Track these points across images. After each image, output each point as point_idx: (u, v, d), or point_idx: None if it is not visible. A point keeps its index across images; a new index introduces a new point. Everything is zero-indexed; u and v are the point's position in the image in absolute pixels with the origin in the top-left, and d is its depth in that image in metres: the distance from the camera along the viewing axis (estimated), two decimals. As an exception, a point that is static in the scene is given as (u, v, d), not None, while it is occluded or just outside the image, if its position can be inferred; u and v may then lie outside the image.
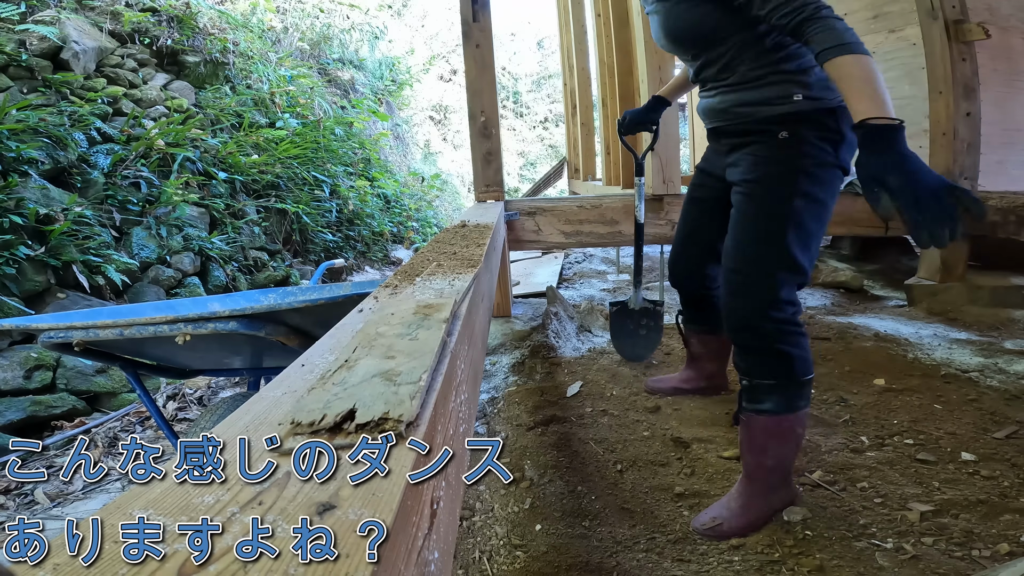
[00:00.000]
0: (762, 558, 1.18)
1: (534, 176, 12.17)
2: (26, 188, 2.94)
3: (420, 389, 0.45)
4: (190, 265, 3.65)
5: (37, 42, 3.64)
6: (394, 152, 8.55)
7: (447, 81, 12.70)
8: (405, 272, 0.97)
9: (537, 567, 1.20)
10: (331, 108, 6.37)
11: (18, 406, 2.41)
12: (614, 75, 3.98)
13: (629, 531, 1.29)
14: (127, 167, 3.60)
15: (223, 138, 4.59)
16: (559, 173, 7.21)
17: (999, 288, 2.66)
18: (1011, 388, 1.78)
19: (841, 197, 2.67)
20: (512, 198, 2.72)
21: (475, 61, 2.55)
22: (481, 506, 1.41)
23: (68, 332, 1.31)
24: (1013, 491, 1.32)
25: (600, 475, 1.50)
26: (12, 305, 2.57)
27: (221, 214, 4.12)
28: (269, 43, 6.37)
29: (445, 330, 0.60)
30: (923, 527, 1.22)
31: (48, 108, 3.35)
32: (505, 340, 2.46)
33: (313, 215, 4.99)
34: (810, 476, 1.43)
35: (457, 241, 1.30)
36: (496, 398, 1.94)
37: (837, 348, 2.19)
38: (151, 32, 4.60)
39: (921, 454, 1.49)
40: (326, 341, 0.65)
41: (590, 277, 3.82)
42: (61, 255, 2.88)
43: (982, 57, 2.66)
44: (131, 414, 2.53)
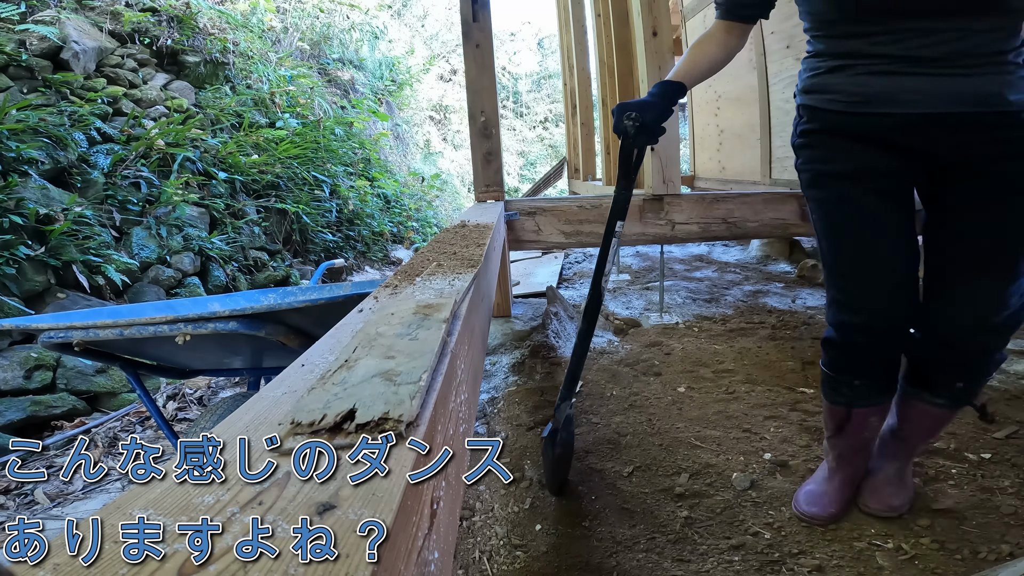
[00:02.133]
0: (762, 558, 1.18)
1: (534, 176, 12.18)
2: (26, 188, 2.94)
3: (420, 389, 0.45)
4: (190, 265, 3.65)
5: (37, 42, 3.64)
6: (394, 152, 8.55)
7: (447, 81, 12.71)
8: (405, 272, 0.97)
9: (537, 567, 1.20)
10: (331, 108, 6.37)
11: (18, 406, 2.41)
12: (614, 75, 3.98)
13: (629, 531, 1.29)
14: (127, 167, 3.60)
15: (223, 138, 4.59)
16: (559, 173, 7.21)
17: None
18: (1011, 388, 1.78)
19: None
20: (512, 198, 2.72)
21: (475, 61, 2.55)
22: (481, 506, 1.41)
23: (68, 332, 1.31)
24: (1013, 491, 1.32)
25: (600, 475, 1.50)
26: (12, 305, 2.58)
27: (221, 214, 4.13)
28: (269, 43, 6.37)
29: (445, 330, 0.60)
30: (923, 527, 1.23)
31: (48, 108, 3.35)
32: (505, 340, 2.46)
33: (313, 215, 4.99)
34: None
35: (457, 241, 1.30)
36: (496, 398, 1.94)
37: (837, 348, 2.19)
38: (151, 32, 4.60)
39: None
40: (326, 341, 0.65)
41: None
42: (61, 255, 2.88)
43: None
44: (131, 414, 2.53)
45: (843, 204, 1.14)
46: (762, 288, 3.14)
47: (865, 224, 1.12)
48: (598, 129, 5.65)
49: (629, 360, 2.18)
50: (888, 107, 1.06)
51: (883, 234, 1.11)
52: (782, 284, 3.21)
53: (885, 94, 1.06)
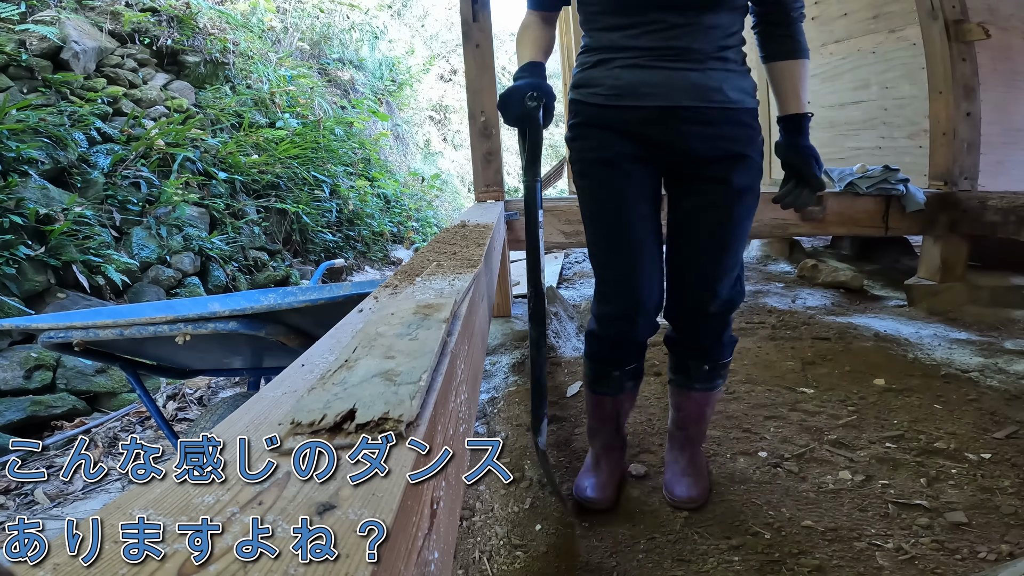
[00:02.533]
0: (762, 558, 1.18)
1: (534, 176, 12.11)
2: (26, 188, 2.94)
3: (420, 389, 0.45)
4: (190, 265, 3.65)
5: (37, 42, 3.64)
6: (394, 152, 8.55)
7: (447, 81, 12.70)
8: (405, 272, 0.97)
9: (537, 567, 1.20)
10: (331, 108, 6.36)
11: (18, 406, 2.40)
12: (614, 75, 3.97)
13: (629, 531, 1.29)
14: (127, 167, 3.60)
15: (223, 138, 4.59)
16: (559, 173, 7.21)
17: (999, 288, 2.66)
18: (1011, 388, 1.78)
19: (840, 197, 2.70)
20: (512, 198, 2.72)
21: (475, 61, 2.55)
22: (481, 506, 1.41)
23: (68, 332, 1.31)
24: (1013, 491, 1.32)
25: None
26: (12, 305, 2.57)
27: (221, 214, 4.12)
28: (269, 43, 6.36)
29: (445, 330, 0.60)
30: (923, 527, 1.23)
31: (48, 108, 3.35)
32: (505, 340, 2.46)
33: (313, 215, 4.98)
34: (811, 477, 1.43)
35: (457, 241, 1.30)
36: (496, 398, 1.94)
37: (837, 348, 2.19)
38: (151, 32, 4.60)
39: (921, 454, 1.49)
40: (326, 341, 0.65)
41: (590, 277, 3.82)
42: (61, 255, 2.88)
43: (982, 57, 2.66)
44: (131, 414, 2.53)
45: (601, 189, 1.20)
46: (762, 288, 3.14)
47: (619, 211, 1.18)
48: (598, 129, 5.63)
49: (629, 360, 2.18)
50: (633, 100, 1.13)
51: (633, 220, 1.18)
52: (782, 284, 3.21)
53: (630, 87, 1.12)
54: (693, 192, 1.20)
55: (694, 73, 1.10)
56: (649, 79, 1.11)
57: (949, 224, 2.66)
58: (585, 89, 1.20)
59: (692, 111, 1.12)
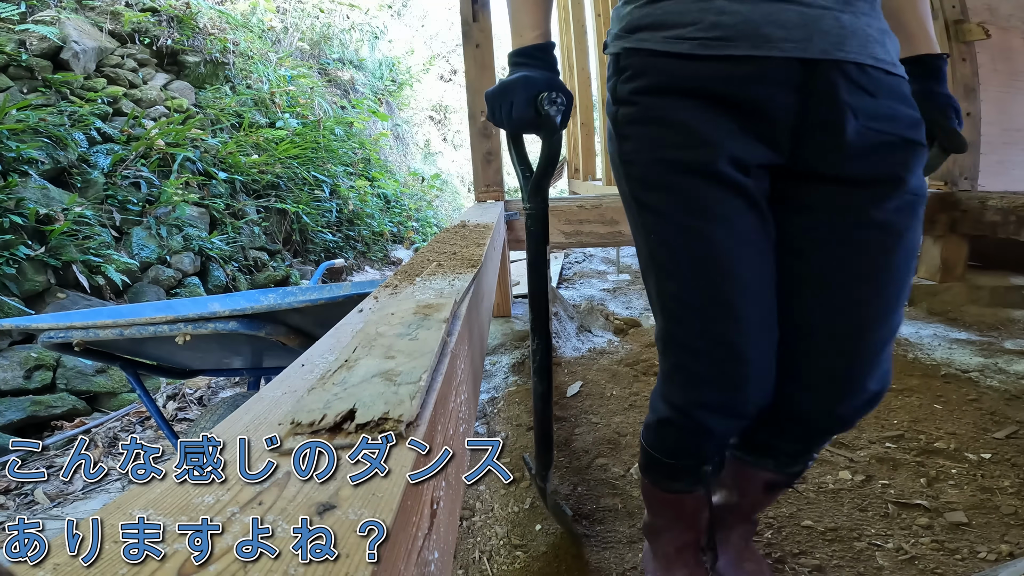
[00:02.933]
0: (762, 558, 1.18)
1: (534, 176, 12.12)
2: (26, 188, 2.94)
3: (420, 389, 0.45)
4: (190, 265, 3.65)
5: (37, 42, 3.64)
6: (394, 152, 8.55)
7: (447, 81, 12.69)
8: (405, 272, 0.97)
9: (537, 567, 1.20)
10: (331, 108, 6.37)
11: (18, 406, 2.40)
12: (614, 75, 3.97)
13: (629, 531, 1.29)
14: (127, 167, 3.60)
15: (223, 138, 4.59)
16: (559, 173, 7.21)
17: (999, 288, 2.66)
18: (1011, 388, 1.78)
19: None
20: (512, 198, 2.72)
21: (475, 61, 2.55)
22: (481, 506, 1.41)
23: (68, 332, 1.31)
24: (1013, 491, 1.32)
25: (600, 475, 1.50)
26: (12, 305, 2.57)
27: (221, 214, 4.13)
28: (269, 43, 6.37)
29: (445, 330, 0.60)
30: (923, 527, 1.23)
31: (48, 108, 3.35)
32: (505, 340, 2.46)
33: (313, 215, 4.99)
34: (812, 477, 1.43)
35: (457, 241, 1.30)
36: (496, 398, 1.94)
37: (837, 348, 2.19)
38: (151, 32, 4.60)
39: (921, 454, 1.49)
40: (326, 341, 0.65)
41: (590, 277, 3.82)
42: (61, 255, 2.88)
43: (982, 57, 2.66)
44: (131, 414, 2.53)
45: (689, 216, 0.74)
46: (762, 288, 3.14)
47: (725, 251, 0.74)
48: (598, 129, 5.65)
49: (629, 360, 2.18)
50: (751, 47, 0.70)
51: (743, 262, 0.74)
52: (782, 284, 3.21)
53: (750, 26, 0.70)
54: (832, 206, 0.75)
55: (845, 15, 0.70)
56: (779, 15, 0.69)
57: (949, 224, 2.66)
58: (655, 32, 0.74)
59: (854, 70, 0.70)
